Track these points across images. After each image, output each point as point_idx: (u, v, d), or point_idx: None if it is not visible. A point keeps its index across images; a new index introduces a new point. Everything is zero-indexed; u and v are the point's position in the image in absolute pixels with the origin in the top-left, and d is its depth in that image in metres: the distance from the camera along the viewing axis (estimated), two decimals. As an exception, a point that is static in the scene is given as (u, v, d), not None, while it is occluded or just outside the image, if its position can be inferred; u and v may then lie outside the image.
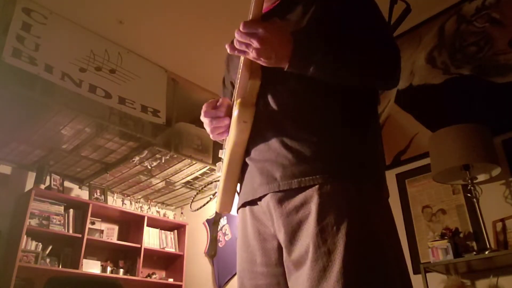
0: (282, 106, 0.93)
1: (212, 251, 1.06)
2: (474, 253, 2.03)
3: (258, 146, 0.93)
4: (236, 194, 1.02)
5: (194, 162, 3.61)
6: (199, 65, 3.26)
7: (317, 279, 0.75)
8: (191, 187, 4.21)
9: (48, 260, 3.56)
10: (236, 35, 0.86)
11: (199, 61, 3.24)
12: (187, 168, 3.75)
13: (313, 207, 0.81)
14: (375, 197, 0.86)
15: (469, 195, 2.08)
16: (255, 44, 0.84)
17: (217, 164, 1.05)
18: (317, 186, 0.83)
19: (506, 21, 2.41)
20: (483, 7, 2.54)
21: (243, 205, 0.98)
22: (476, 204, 2.04)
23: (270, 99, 0.95)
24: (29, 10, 2.72)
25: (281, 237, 0.85)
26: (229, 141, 0.96)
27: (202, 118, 1.03)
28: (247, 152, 0.96)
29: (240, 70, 0.94)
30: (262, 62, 0.88)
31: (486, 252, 1.92)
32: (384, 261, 0.78)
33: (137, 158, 3.56)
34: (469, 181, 2.07)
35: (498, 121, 2.24)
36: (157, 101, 3.26)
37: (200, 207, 1.24)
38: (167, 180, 4.02)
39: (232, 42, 0.89)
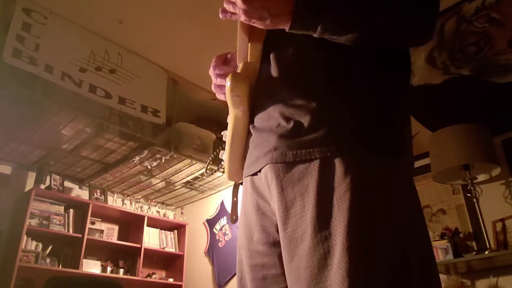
0: (284, 69, 0.82)
1: (234, 216, 0.98)
2: (474, 253, 2.03)
3: (260, 115, 0.84)
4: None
5: (194, 162, 3.61)
6: (199, 65, 3.25)
7: (317, 267, 0.67)
8: (191, 187, 4.21)
9: (48, 260, 3.56)
10: None
11: (199, 61, 3.23)
12: (187, 168, 3.75)
13: (310, 184, 0.71)
14: (388, 175, 0.72)
15: (469, 195, 2.08)
16: (238, 3, 0.72)
17: (222, 132, 0.97)
18: (317, 161, 0.72)
19: (506, 21, 2.41)
20: (483, 7, 2.54)
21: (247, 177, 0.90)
22: (476, 204, 2.04)
23: (272, 62, 0.84)
24: (29, 10, 2.72)
25: (277, 213, 0.76)
26: (230, 111, 0.88)
27: (210, 72, 0.95)
28: (251, 120, 0.87)
29: (238, 32, 0.83)
30: (257, 24, 0.75)
31: (486, 252, 1.92)
32: (395, 250, 0.67)
33: (137, 158, 3.56)
34: (469, 181, 2.07)
35: (498, 121, 2.24)
36: (157, 101, 3.26)
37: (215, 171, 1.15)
38: (167, 180, 4.02)
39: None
